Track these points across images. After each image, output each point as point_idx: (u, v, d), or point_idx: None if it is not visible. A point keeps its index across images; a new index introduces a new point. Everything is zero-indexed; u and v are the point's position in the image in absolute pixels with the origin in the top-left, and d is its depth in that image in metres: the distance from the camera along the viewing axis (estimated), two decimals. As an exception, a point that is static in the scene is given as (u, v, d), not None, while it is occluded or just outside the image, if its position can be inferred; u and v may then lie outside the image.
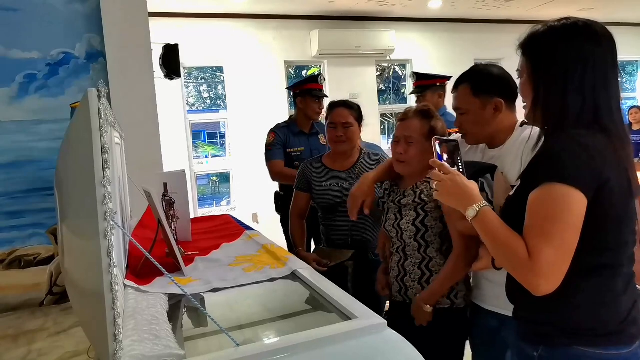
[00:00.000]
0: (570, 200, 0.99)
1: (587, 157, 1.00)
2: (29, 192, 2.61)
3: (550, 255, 0.98)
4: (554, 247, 0.98)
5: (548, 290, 0.99)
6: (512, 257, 1.02)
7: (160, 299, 1.11)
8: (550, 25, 1.13)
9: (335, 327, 0.96)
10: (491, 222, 1.07)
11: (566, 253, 0.99)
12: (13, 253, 2.59)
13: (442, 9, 5.99)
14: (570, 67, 1.07)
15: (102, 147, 0.74)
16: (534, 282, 0.99)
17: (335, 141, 2.19)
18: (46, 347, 1.97)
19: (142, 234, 1.75)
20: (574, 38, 1.09)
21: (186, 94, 5.86)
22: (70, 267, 1.02)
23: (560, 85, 1.07)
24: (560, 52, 1.08)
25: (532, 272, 0.98)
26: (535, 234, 1.00)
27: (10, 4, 2.55)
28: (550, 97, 1.08)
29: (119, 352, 0.74)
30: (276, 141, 3.20)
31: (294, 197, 2.35)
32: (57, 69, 2.65)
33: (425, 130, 1.68)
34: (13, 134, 2.58)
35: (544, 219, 1.00)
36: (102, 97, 0.78)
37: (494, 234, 1.06)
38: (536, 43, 1.12)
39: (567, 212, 0.99)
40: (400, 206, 1.74)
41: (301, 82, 3.29)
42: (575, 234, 0.99)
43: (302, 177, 2.30)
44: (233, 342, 0.86)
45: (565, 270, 1.00)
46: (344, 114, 2.19)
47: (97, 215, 0.74)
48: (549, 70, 1.09)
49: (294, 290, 1.30)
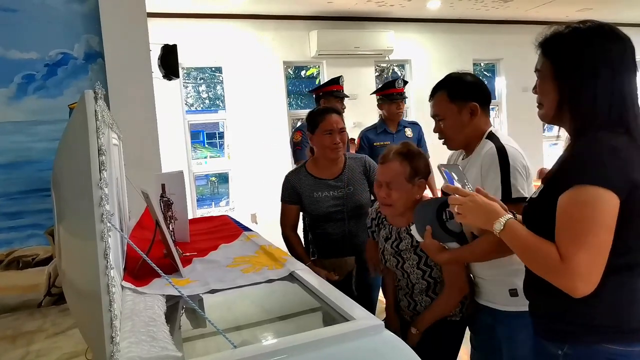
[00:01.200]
0: (602, 201, 1.00)
1: (617, 160, 1.02)
2: (28, 193, 2.61)
3: (584, 258, 0.99)
4: (588, 249, 0.99)
5: (587, 292, 1.01)
6: (544, 263, 1.04)
7: (158, 300, 1.11)
8: (574, 27, 1.14)
9: (333, 328, 0.96)
10: (518, 231, 1.09)
11: (600, 254, 1.01)
12: (11, 254, 2.59)
13: (440, 10, 6.00)
14: (599, 69, 1.09)
15: (98, 148, 0.73)
16: (570, 285, 1.01)
17: (333, 148, 2.15)
18: (44, 348, 1.96)
19: (140, 235, 1.75)
20: (601, 40, 1.11)
21: (185, 94, 5.86)
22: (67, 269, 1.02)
23: (590, 87, 1.09)
24: (588, 54, 1.10)
25: (567, 275, 1.00)
26: (568, 236, 1.02)
27: (9, 5, 2.54)
28: (580, 98, 1.10)
29: (115, 354, 0.74)
30: (304, 140, 3.25)
31: (283, 211, 2.28)
32: (55, 69, 2.65)
33: (407, 173, 1.67)
34: (11, 135, 2.58)
35: (577, 221, 1.01)
36: (99, 98, 0.78)
37: (523, 243, 1.08)
38: (562, 44, 1.13)
39: (599, 213, 1.00)
40: (399, 251, 1.73)
41: (324, 84, 3.55)
42: (609, 234, 1.01)
43: (290, 189, 2.23)
44: (230, 343, 0.86)
45: (601, 270, 1.02)
46: (338, 119, 2.18)
47: (94, 217, 0.73)
48: (577, 72, 1.10)
49: (291, 291, 1.30)
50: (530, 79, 4.25)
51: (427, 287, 1.70)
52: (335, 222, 2.18)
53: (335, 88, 3.41)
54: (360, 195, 2.20)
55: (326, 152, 2.17)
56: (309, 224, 2.33)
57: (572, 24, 1.15)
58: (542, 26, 1.22)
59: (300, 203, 2.23)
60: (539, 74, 1.19)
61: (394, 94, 3.54)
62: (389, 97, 3.56)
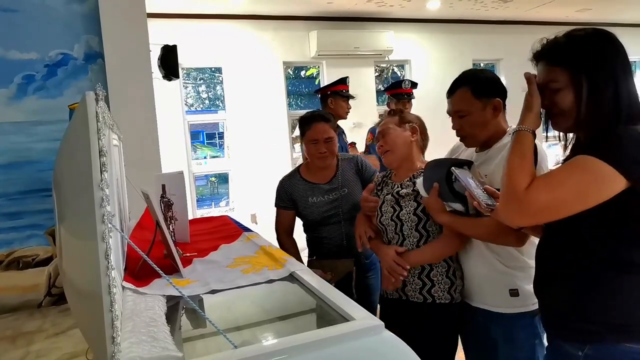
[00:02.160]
0: (599, 174, 1.02)
1: None
2: (28, 193, 2.61)
3: (544, 200, 1.04)
4: (552, 199, 1.03)
5: (514, 224, 1.09)
6: (515, 181, 1.07)
7: (159, 300, 1.11)
8: (576, 34, 1.17)
9: (333, 328, 0.96)
10: (521, 143, 1.14)
11: (558, 211, 1.05)
12: (11, 254, 2.59)
13: (440, 10, 6.01)
14: (615, 69, 1.13)
15: (99, 150, 0.74)
16: (511, 210, 1.07)
17: (319, 157, 2.14)
18: (44, 349, 1.96)
19: (140, 236, 1.75)
20: (608, 42, 1.16)
21: (185, 95, 5.86)
22: (68, 269, 1.03)
23: (610, 87, 1.12)
24: (602, 56, 1.13)
25: (518, 201, 1.05)
26: (545, 178, 1.06)
27: (9, 5, 2.55)
28: (604, 99, 1.12)
29: (116, 354, 0.74)
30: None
31: (278, 215, 2.29)
32: (55, 70, 2.65)
33: (396, 121, 1.83)
34: (11, 135, 2.58)
35: (562, 174, 1.06)
36: (100, 100, 0.78)
37: (516, 152, 1.12)
38: (575, 49, 1.15)
39: (595, 186, 1.03)
40: (398, 197, 1.76)
41: (331, 84, 3.59)
42: (581, 203, 1.03)
43: (284, 195, 2.24)
44: (231, 343, 0.87)
45: (541, 221, 1.10)
46: (325, 129, 2.14)
47: (95, 218, 0.74)
48: (596, 74, 1.12)
49: (292, 291, 1.30)
50: None
51: (417, 241, 1.70)
52: (331, 226, 2.18)
53: (342, 88, 3.47)
54: (355, 196, 2.18)
55: (312, 160, 2.18)
56: (305, 227, 2.32)
57: (570, 32, 1.19)
58: (541, 26, 1.25)
59: (295, 208, 2.23)
60: (551, 85, 1.19)
61: (402, 94, 3.71)
62: (396, 96, 3.73)
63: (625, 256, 1.08)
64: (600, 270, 1.10)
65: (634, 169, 1.01)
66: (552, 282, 1.13)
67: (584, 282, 1.12)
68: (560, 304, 1.17)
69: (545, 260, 1.24)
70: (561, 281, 1.09)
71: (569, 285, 1.08)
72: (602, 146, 1.05)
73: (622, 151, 1.03)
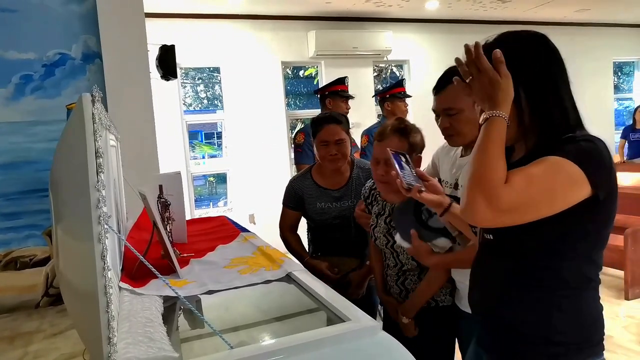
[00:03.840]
0: (574, 181, 0.97)
1: (605, 160, 1.00)
2: (25, 194, 2.61)
3: (516, 199, 0.95)
4: (525, 199, 0.95)
5: (490, 219, 0.96)
6: (493, 173, 0.96)
7: (155, 301, 1.11)
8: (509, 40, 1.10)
9: (329, 329, 0.96)
10: (495, 132, 0.99)
11: (524, 211, 0.97)
12: (9, 254, 2.59)
13: (439, 10, 6.01)
14: (557, 73, 1.07)
15: (96, 151, 0.74)
16: (481, 204, 0.94)
17: (330, 159, 2.08)
18: (42, 349, 1.96)
19: (138, 236, 1.75)
20: (544, 46, 1.09)
21: (183, 94, 5.86)
22: (64, 270, 1.03)
23: (553, 93, 1.06)
24: (539, 62, 1.07)
25: (495, 195, 0.94)
26: (523, 174, 0.97)
27: (6, 5, 2.54)
28: (547, 107, 1.05)
29: (113, 355, 0.74)
30: (306, 142, 3.21)
31: (283, 214, 2.25)
32: (53, 70, 2.65)
33: (405, 149, 1.65)
34: (9, 135, 2.58)
35: (542, 175, 0.96)
36: (97, 101, 0.78)
37: (489, 142, 0.99)
38: (513, 58, 1.03)
39: (565, 188, 0.97)
40: (390, 227, 1.73)
41: (329, 84, 3.55)
42: (549, 205, 0.97)
43: (293, 195, 2.20)
44: (227, 344, 0.87)
45: (507, 222, 0.97)
46: (336, 130, 2.07)
47: (91, 219, 0.74)
48: (537, 82, 1.06)
49: (288, 292, 1.30)
50: None
51: (417, 268, 1.68)
52: (340, 231, 2.14)
53: (340, 88, 3.44)
54: None
55: (323, 162, 2.12)
56: (311, 228, 2.29)
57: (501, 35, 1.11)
58: (540, 27, 1.19)
59: (303, 210, 2.20)
60: None
61: (403, 92, 3.70)
62: (397, 95, 3.68)
63: (584, 272, 1.05)
64: (559, 288, 1.05)
65: (597, 174, 0.98)
66: (502, 302, 1.07)
67: (542, 302, 1.06)
68: (518, 325, 1.09)
69: (488, 276, 1.16)
70: (515, 301, 1.04)
71: (526, 305, 1.03)
72: (566, 148, 0.99)
73: (587, 156, 0.99)
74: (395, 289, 1.77)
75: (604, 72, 7.69)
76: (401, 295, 1.75)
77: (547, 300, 1.05)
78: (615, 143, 7.99)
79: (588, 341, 1.06)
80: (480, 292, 1.17)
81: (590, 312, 1.07)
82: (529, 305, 1.06)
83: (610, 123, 7.88)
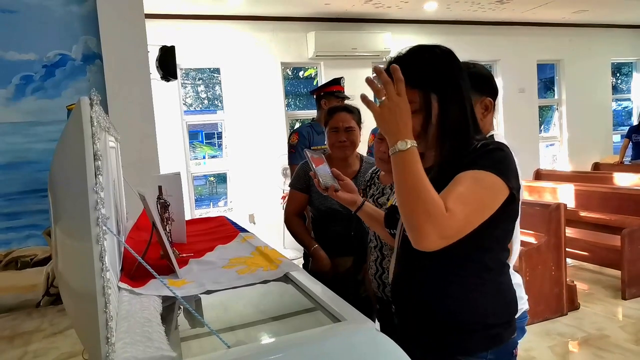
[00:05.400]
0: (496, 189, 1.04)
1: (512, 163, 1.09)
2: (26, 194, 2.63)
3: (461, 223, 0.99)
4: (467, 217, 1.00)
5: (430, 246, 0.98)
6: (430, 206, 0.96)
7: (154, 301, 1.12)
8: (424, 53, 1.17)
9: (325, 329, 0.98)
10: (418, 163, 1.00)
11: (466, 231, 1.01)
12: (10, 254, 2.60)
13: (437, 11, 6.02)
14: (462, 85, 1.13)
15: (94, 154, 0.75)
16: (432, 233, 0.96)
17: (339, 146, 2.16)
18: (42, 348, 1.97)
19: (137, 236, 1.76)
20: (454, 60, 1.16)
21: (184, 95, 5.87)
22: (63, 270, 1.04)
23: (460, 104, 1.12)
24: (451, 74, 1.13)
25: (444, 225, 0.96)
26: (459, 198, 1.00)
27: (7, 6, 2.56)
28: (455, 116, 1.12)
29: (111, 355, 0.75)
30: (300, 142, 3.23)
31: (290, 197, 2.30)
32: (53, 70, 2.67)
33: None
34: (9, 136, 2.60)
35: (471, 192, 1.02)
36: (95, 104, 0.79)
37: (417, 177, 0.99)
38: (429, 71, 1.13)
39: (492, 198, 1.04)
40: (378, 205, 1.77)
41: (325, 84, 3.53)
42: (482, 216, 1.04)
43: (302, 177, 2.25)
44: (224, 343, 0.88)
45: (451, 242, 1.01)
46: (346, 118, 2.17)
47: (90, 221, 0.75)
48: (448, 94, 1.12)
49: (286, 292, 1.31)
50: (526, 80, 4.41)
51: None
52: (341, 221, 2.16)
53: (336, 89, 3.44)
54: None
55: (333, 150, 2.20)
56: (313, 220, 2.31)
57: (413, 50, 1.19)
58: (538, 28, 1.21)
59: (309, 193, 2.24)
60: None
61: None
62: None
63: (501, 259, 1.15)
64: (485, 276, 1.13)
65: (511, 177, 1.06)
66: (435, 296, 1.12)
67: (473, 291, 1.12)
68: (456, 317, 1.12)
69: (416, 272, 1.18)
70: (449, 294, 1.10)
71: (459, 296, 1.10)
72: (481, 161, 1.05)
73: (498, 162, 1.06)
74: (374, 283, 1.83)
75: (602, 73, 7.71)
76: (380, 289, 1.80)
77: (478, 288, 1.12)
78: (613, 144, 8.02)
79: (512, 318, 1.17)
80: (410, 290, 1.20)
81: (510, 291, 1.17)
82: (462, 295, 1.12)
83: (608, 123, 7.90)
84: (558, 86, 7.62)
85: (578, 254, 4.35)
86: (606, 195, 4.54)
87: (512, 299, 1.17)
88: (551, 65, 7.64)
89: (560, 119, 7.63)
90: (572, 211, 4.62)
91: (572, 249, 4.22)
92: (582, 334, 3.26)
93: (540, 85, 7.62)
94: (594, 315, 3.54)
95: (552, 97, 7.83)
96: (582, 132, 7.55)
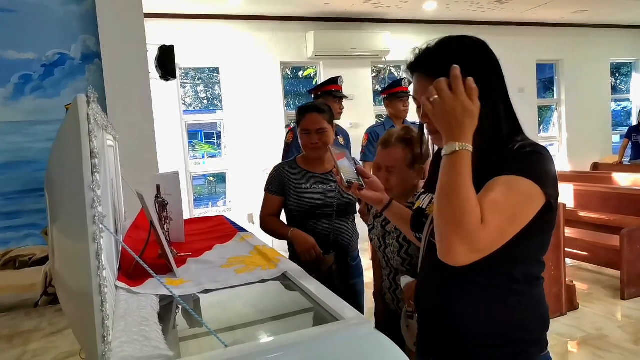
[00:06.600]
0: (532, 197, 0.96)
1: (552, 169, 1.01)
2: (24, 193, 2.63)
3: (493, 235, 0.92)
4: (500, 231, 0.93)
5: (459, 260, 0.92)
6: (466, 215, 0.90)
7: (151, 300, 1.12)
8: (452, 43, 1.08)
9: (322, 328, 0.97)
10: (463, 168, 0.93)
11: (499, 244, 0.94)
12: (8, 253, 2.60)
13: (436, 11, 6.03)
14: (492, 78, 1.06)
15: (91, 152, 0.75)
16: (462, 246, 0.90)
17: (311, 148, 2.12)
18: (41, 348, 1.97)
19: (135, 235, 1.76)
20: (485, 52, 1.09)
21: (183, 94, 5.87)
22: (60, 269, 1.04)
23: (490, 98, 1.03)
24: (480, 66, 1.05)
25: (475, 240, 0.89)
26: (495, 207, 0.92)
27: (6, 5, 2.56)
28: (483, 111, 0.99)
29: (107, 354, 0.75)
30: (294, 142, 3.21)
31: (265, 200, 2.24)
32: (52, 69, 2.66)
33: (408, 160, 1.67)
34: (8, 135, 2.60)
35: (507, 201, 0.94)
36: (92, 102, 0.79)
37: (462, 183, 0.92)
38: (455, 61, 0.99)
39: (526, 207, 0.96)
40: (385, 232, 1.74)
41: (322, 84, 3.54)
42: (516, 227, 0.96)
43: (276, 180, 2.20)
44: (221, 342, 0.88)
45: (482, 257, 0.94)
46: (317, 119, 2.10)
47: (86, 219, 0.75)
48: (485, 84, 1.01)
49: (284, 291, 1.31)
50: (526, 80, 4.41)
51: (409, 272, 1.69)
52: (321, 219, 2.13)
53: (333, 88, 3.43)
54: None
55: (306, 150, 2.16)
56: (290, 223, 2.23)
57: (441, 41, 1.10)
58: (538, 28, 1.19)
59: (284, 195, 2.18)
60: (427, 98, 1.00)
61: (400, 92, 3.70)
62: (396, 95, 3.70)
63: (534, 272, 1.08)
64: (513, 289, 1.07)
65: (549, 184, 0.97)
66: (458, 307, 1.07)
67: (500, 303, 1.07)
68: (478, 329, 1.07)
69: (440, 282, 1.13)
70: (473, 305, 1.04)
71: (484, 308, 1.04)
72: (515, 165, 0.97)
73: (534, 166, 0.98)
74: (388, 296, 1.80)
75: (602, 73, 7.71)
76: (394, 302, 1.78)
77: (505, 301, 1.06)
78: (612, 144, 8.02)
79: (542, 335, 1.10)
80: (433, 298, 1.15)
81: (542, 306, 1.10)
82: (488, 309, 1.07)
83: (607, 124, 7.90)
84: (557, 86, 7.63)
85: (577, 254, 4.35)
86: (605, 196, 4.54)
87: (543, 314, 1.10)
88: (550, 65, 7.65)
89: (560, 119, 7.63)
90: (572, 211, 4.62)
91: (571, 249, 4.23)
92: (581, 334, 3.26)
93: (539, 85, 7.62)
94: (593, 315, 3.54)
95: (551, 97, 7.84)
96: (581, 132, 7.56)
